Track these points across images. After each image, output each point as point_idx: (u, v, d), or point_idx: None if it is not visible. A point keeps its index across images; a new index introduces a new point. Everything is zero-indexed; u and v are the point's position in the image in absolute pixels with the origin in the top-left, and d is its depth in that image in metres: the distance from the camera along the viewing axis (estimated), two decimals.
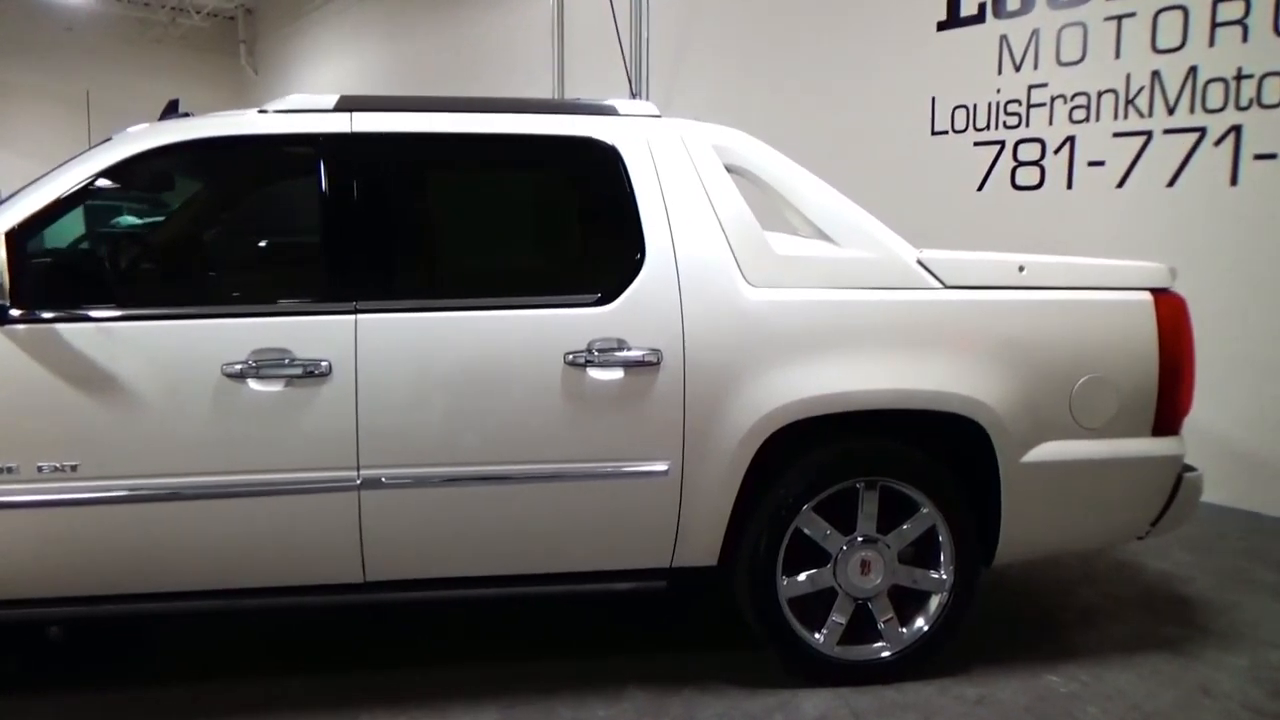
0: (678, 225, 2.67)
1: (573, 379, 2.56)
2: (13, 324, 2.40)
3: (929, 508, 2.76)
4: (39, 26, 17.43)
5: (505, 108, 2.77)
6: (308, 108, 2.68)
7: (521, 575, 2.72)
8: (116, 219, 3.93)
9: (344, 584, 2.63)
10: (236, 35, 18.69)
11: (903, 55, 5.90)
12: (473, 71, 10.82)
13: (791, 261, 2.72)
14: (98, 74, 17.35)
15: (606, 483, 2.61)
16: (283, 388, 2.47)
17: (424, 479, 2.54)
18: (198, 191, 3.00)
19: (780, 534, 2.72)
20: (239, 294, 2.66)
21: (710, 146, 2.79)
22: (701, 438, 2.62)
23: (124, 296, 2.52)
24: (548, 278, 2.80)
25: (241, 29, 18.64)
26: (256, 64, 18.62)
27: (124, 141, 2.55)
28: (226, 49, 18.74)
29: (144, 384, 2.43)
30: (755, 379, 2.63)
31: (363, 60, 14.16)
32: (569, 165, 2.85)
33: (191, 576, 2.56)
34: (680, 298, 2.62)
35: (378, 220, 2.62)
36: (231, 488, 2.48)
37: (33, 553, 2.45)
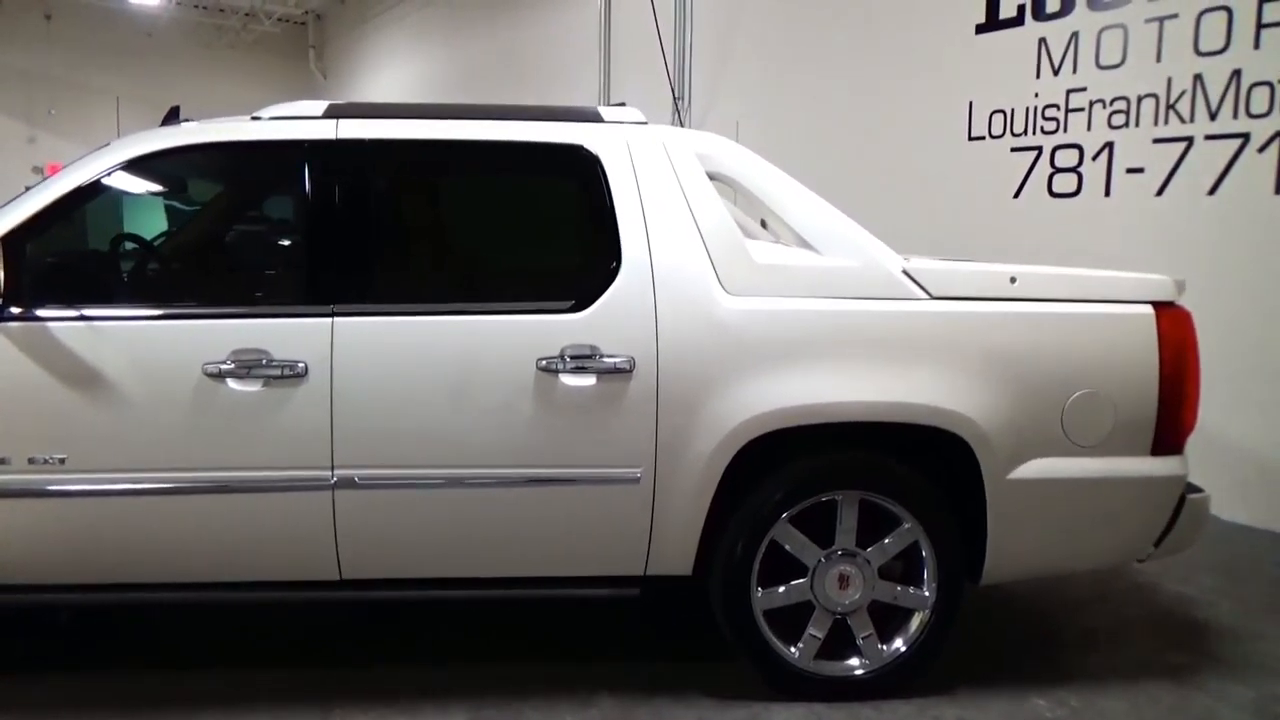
0: (655, 233, 2.66)
1: (545, 385, 2.57)
2: (7, 321, 2.50)
3: (911, 522, 2.69)
4: (121, 33, 18.18)
5: (489, 115, 2.79)
6: (297, 114, 2.74)
7: (495, 578, 2.74)
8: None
9: (320, 581, 2.68)
10: (306, 40, 19.22)
11: (940, 59, 5.78)
12: (523, 76, 10.95)
13: (771, 270, 2.68)
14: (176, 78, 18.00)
15: (578, 488, 2.61)
16: (261, 388, 2.53)
17: (397, 480, 2.57)
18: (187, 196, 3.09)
19: (755, 545, 2.68)
20: (221, 295, 2.73)
21: (693, 154, 2.77)
22: (675, 446, 2.60)
23: (112, 296, 2.62)
24: (523, 284, 2.81)
25: (311, 34, 19.16)
26: (325, 68, 19.12)
27: (118, 147, 2.64)
28: (296, 53, 19.28)
29: (129, 381, 2.51)
30: (730, 388, 2.60)
31: (422, 64, 14.44)
32: (548, 172, 2.86)
33: (173, 569, 2.64)
34: (655, 306, 2.61)
35: (357, 225, 2.66)
36: (211, 484, 2.54)
37: (22, 541, 2.55)
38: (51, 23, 17.86)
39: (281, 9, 17.65)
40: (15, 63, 17.51)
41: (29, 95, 17.52)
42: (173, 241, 3.09)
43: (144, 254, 3.02)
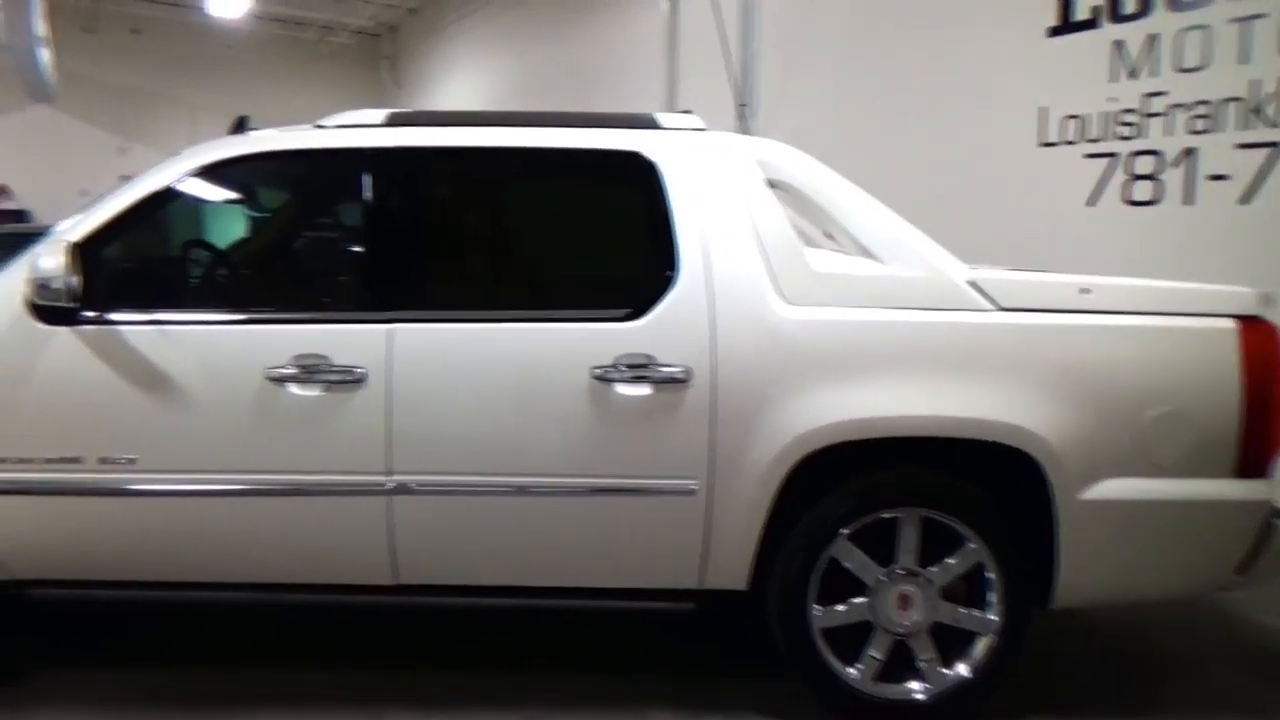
0: (713, 240, 2.62)
1: (599, 394, 2.55)
2: (83, 325, 2.58)
3: (976, 543, 2.60)
4: (205, 46, 18.81)
5: (548, 122, 2.79)
6: (359, 123, 2.78)
7: (549, 588, 2.72)
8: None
9: (377, 585, 2.70)
10: (380, 51, 19.65)
11: (1011, 63, 5.62)
12: (589, 84, 11.01)
13: (831, 279, 2.62)
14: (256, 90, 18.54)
15: (632, 499, 2.59)
16: (321, 392, 2.56)
17: (451, 487, 2.58)
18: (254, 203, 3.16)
19: (813, 561, 2.62)
20: (284, 300, 2.78)
21: (752, 160, 2.73)
22: (731, 458, 2.56)
23: (181, 301, 2.68)
24: (579, 292, 2.80)
25: (385, 45, 19.58)
26: (398, 78, 19.51)
27: (187, 156, 2.71)
28: (371, 64, 19.72)
29: (196, 384, 2.57)
30: (788, 400, 2.54)
31: (491, 73, 14.63)
32: (605, 179, 2.85)
33: (235, 569, 2.69)
34: (712, 315, 2.57)
35: (415, 232, 2.69)
36: (272, 487, 2.58)
37: (93, 539, 2.63)
38: (140, 38, 18.58)
39: (356, 21, 18.07)
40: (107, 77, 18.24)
41: (119, 108, 18.23)
42: (239, 247, 3.16)
43: (212, 260, 3.09)
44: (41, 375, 2.57)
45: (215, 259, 3.07)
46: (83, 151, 17.49)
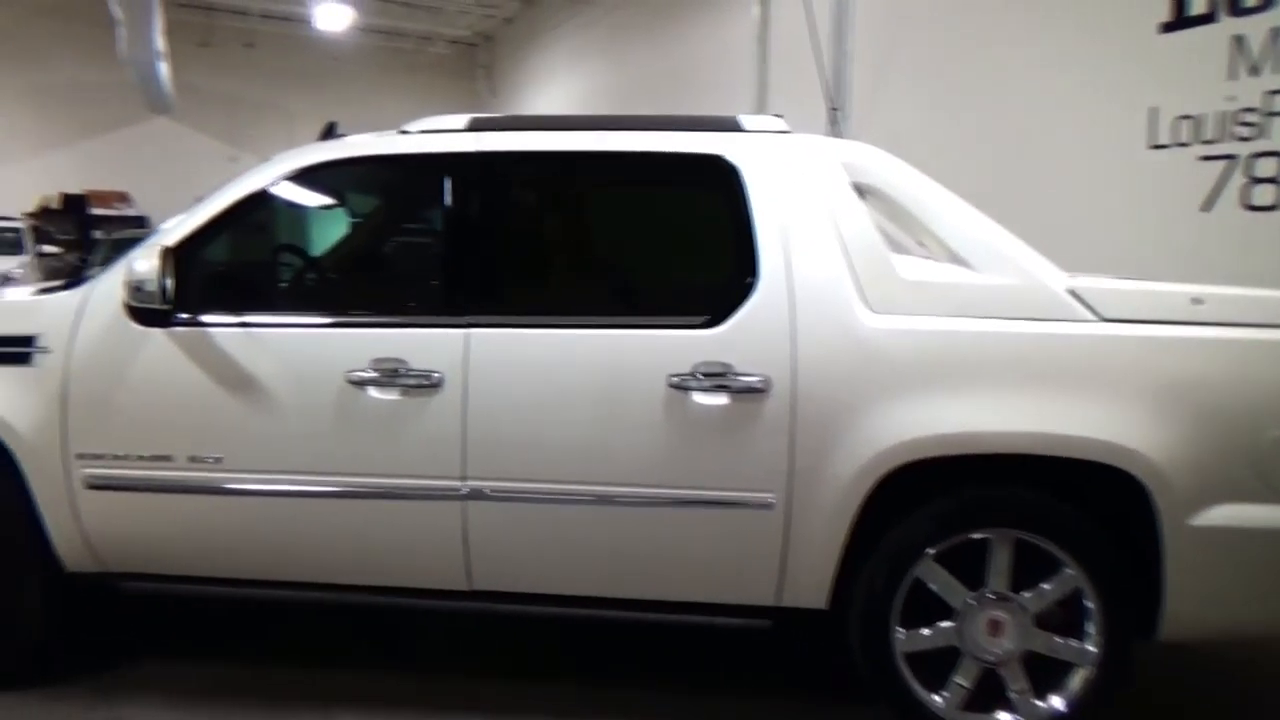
0: (795, 246, 2.54)
1: (676, 403, 2.49)
2: (175, 327, 2.65)
3: (1073, 568, 2.45)
4: (312, 58, 19.52)
5: (629, 125, 2.75)
6: (442, 128, 2.79)
7: (623, 599, 2.67)
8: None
9: (452, 590, 2.70)
10: (476, 61, 20.06)
11: (1120, 61, 5.36)
12: (680, 88, 10.98)
13: (919, 287, 2.51)
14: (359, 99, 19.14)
15: (708, 511, 2.52)
16: (398, 396, 2.57)
17: (525, 494, 2.56)
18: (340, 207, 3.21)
19: (897, 582, 2.51)
20: (366, 304, 2.80)
21: (838, 163, 2.64)
22: (811, 471, 2.47)
23: (268, 304, 2.73)
24: (656, 297, 2.76)
25: (481, 55, 19.98)
26: (494, 86, 19.87)
27: (276, 163, 2.77)
28: (468, 73, 20.14)
29: (280, 386, 2.61)
30: (873, 412, 2.44)
31: (584, 79, 14.75)
32: (685, 183, 2.79)
33: (315, 569, 2.72)
34: (793, 323, 2.49)
35: (493, 237, 2.68)
36: (351, 489, 2.60)
37: (180, 535, 2.70)
38: (252, 50, 19.40)
39: (454, 32, 18.49)
40: (220, 88, 19.10)
41: (230, 118, 19.06)
42: (324, 251, 3.22)
43: (298, 263, 3.15)
44: (138, 375, 2.65)
45: (301, 262, 3.13)
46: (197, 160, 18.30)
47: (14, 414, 2.65)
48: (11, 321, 2.74)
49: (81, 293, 2.75)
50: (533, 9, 16.94)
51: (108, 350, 2.67)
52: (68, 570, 2.77)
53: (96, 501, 2.68)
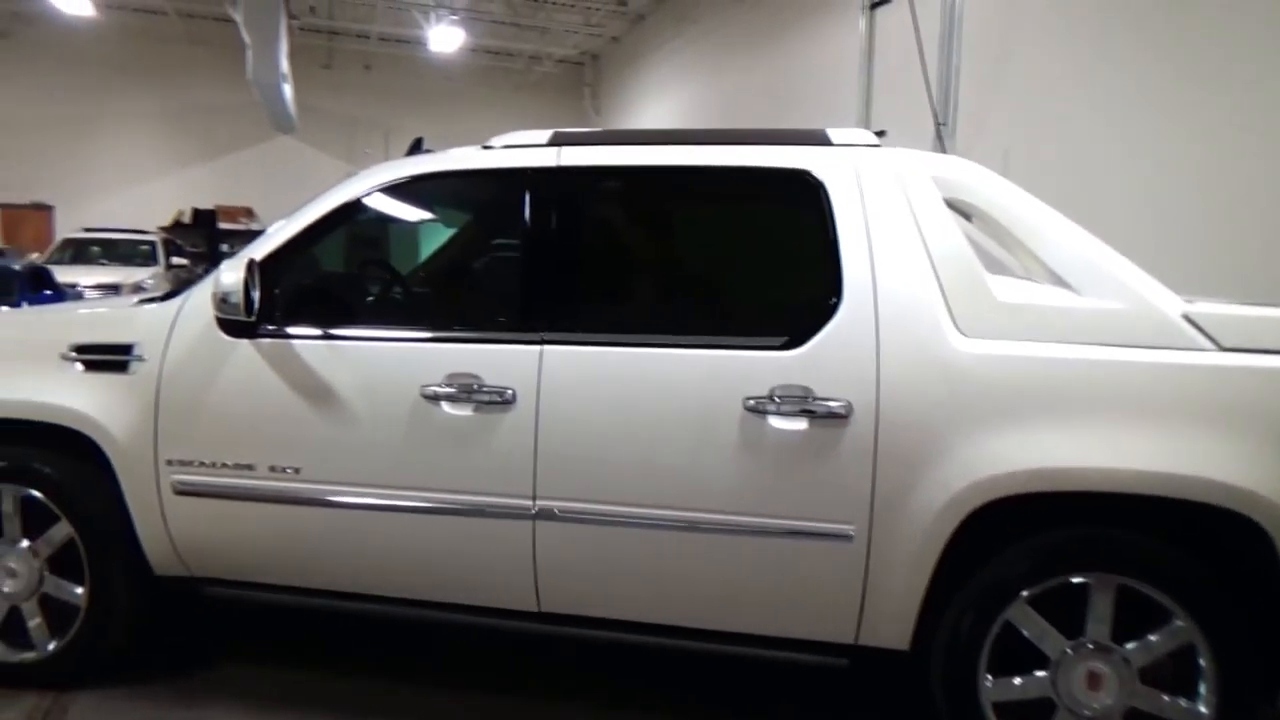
0: (881, 265, 2.41)
1: (752, 426, 2.39)
2: (260, 338, 2.70)
3: (1184, 619, 2.23)
4: (426, 78, 20.20)
5: (714, 140, 2.67)
6: (523, 143, 2.77)
7: (695, 629, 2.58)
8: None
9: (520, 611, 2.65)
10: (583, 79, 20.35)
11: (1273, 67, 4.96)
12: (784, 104, 10.86)
13: (1015, 310, 2.35)
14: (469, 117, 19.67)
15: (783, 541, 2.41)
16: (471, 412, 2.55)
17: (595, 515, 2.49)
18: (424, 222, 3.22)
19: (987, 625, 2.34)
20: (443, 319, 2.79)
21: (929, 179, 2.50)
22: (894, 503, 2.33)
23: (348, 318, 2.76)
24: (735, 317, 2.66)
25: (587, 73, 20.27)
26: (599, 104, 20.13)
27: (361, 179, 2.80)
28: (573, 91, 20.47)
29: (358, 399, 2.62)
30: (962, 442, 2.29)
31: (688, 96, 14.76)
32: (769, 198, 2.70)
33: (385, 583, 2.72)
34: (877, 346, 2.36)
35: (570, 252, 2.64)
36: (422, 504, 2.59)
37: (258, 543, 2.74)
38: (370, 72, 20.20)
39: (561, 51, 18.81)
40: (341, 108, 19.94)
41: (349, 137, 19.87)
42: (405, 265, 3.24)
43: (378, 277, 3.18)
44: (225, 385, 2.71)
45: (382, 276, 3.16)
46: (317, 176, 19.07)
47: (110, 419, 2.75)
48: (111, 330, 2.85)
49: (177, 303, 2.84)
50: (639, 28, 17.10)
51: (198, 360, 2.74)
52: (155, 573, 2.85)
53: (183, 507, 2.74)
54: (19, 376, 2.84)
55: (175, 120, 19.49)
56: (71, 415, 2.76)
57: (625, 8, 16.19)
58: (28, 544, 2.86)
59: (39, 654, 2.88)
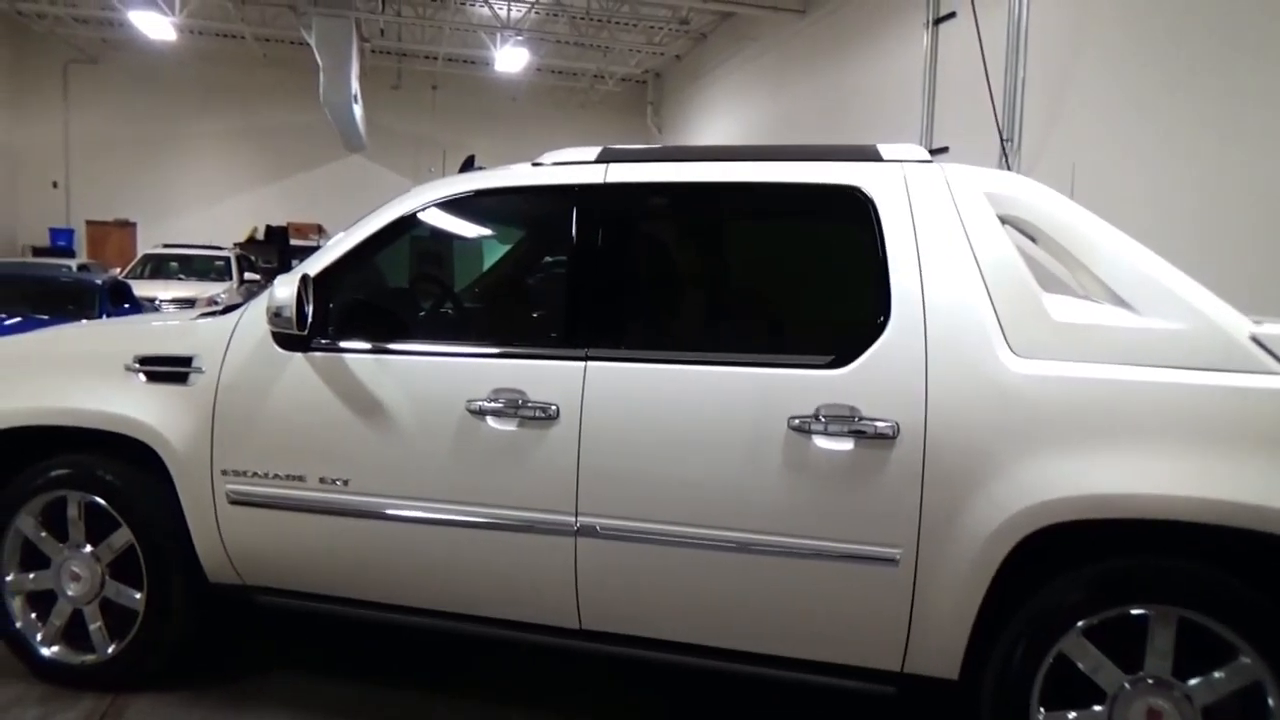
0: (931, 283, 2.36)
1: (796, 446, 2.36)
2: (313, 351, 2.75)
3: (1251, 657, 2.12)
4: (491, 98, 20.56)
5: (763, 156, 2.65)
6: (572, 160, 2.79)
7: (738, 651, 2.54)
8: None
9: (561, 628, 2.65)
10: (645, 98, 20.47)
11: None
12: (844, 122, 10.77)
13: (1071, 329, 2.27)
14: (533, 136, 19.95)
15: (828, 563, 2.36)
16: (515, 427, 2.55)
17: (636, 533, 2.48)
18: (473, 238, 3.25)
19: (1039, 656, 2.25)
20: (490, 334, 2.82)
21: (982, 194, 2.44)
22: (941, 526, 2.27)
23: (397, 332, 2.80)
24: (781, 334, 2.62)
25: (650, 91, 20.38)
26: (660, 122, 20.22)
27: (412, 196, 2.85)
28: (636, 110, 20.60)
29: (405, 413, 2.65)
30: (1013, 465, 2.22)
31: (748, 114, 14.74)
32: (817, 215, 2.66)
33: (429, 595, 2.73)
34: (926, 365, 2.30)
35: (616, 269, 2.64)
36: (466, 517, 2.60)
37: (307, 553, 2.78)
38: (437, 92, 20.63)
39: (624, 70, 18.97)
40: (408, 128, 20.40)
41: (417, 155, 20.29)
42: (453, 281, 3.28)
43: (428, 293, 3.22)
44: (278, 397, 2.77)
45: (430, 291, 3.20)
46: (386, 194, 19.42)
47: (169, 429, 2.82)
48: (173, 343, 2.93)
49: (234, 317, 2.91)
50: (701, 46, 17.16)
51: (253, 372, 2.80)
52: (209, 581, 2.92)
53: (236, 516, 2.80)
54: (86, 387, 2.93)
55: (251, 140, 20.17)
56: (134, 425, 2.84)
57: (687, 26, 16.26)
58: (90, 549, 2.95)
59: (99, 656, 2.96)
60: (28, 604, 3.03)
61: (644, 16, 15.85)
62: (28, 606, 3.03)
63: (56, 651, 2.99)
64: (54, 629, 2.99)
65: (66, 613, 2.98)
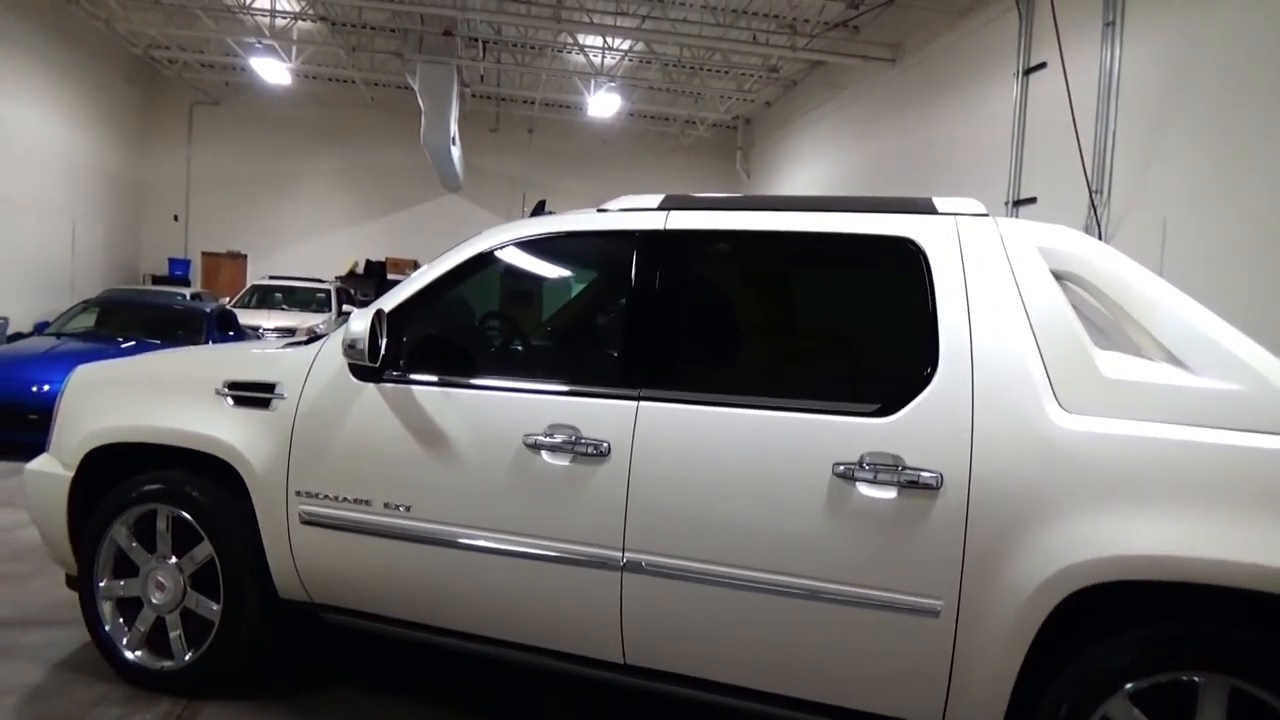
0: (981, 335, 2.38)
1: (839, 492, 2.39)
2: (384, 382, 2.91)
3: None
4: (584, 142, 21.06)
5: (820, 206, 2.71)
6: (635, 206, 2.90)
7: (779, 695, 2.55)
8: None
9: (606, 661, 2.71)
10: (734, 143, 20.67)
11: None
12: (933, 170, 10.70)
13: (1122, 386, 2.25)
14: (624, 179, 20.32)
15: (868, 611, 2.37)
16: (568, 462, 2.65)
17: (680, 571, 2.53)
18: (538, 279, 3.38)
19: (1084, 717, 2.21)
20: (551, 372, 2.92)
21: (1035, 248, 2.45)
22: (985, 580, 2.26)
23: (463, 367, 2.93)
24: (828, 382, 2.66)
25: (739, 137, 20.57)
26: (749, 168, 20.36)
27: (481, 239, 3.00)
28: (725, 155, 20.80)
29: (466, 444, 2.77)
30: (1061, 521, 2.20)
31: (835, 161, 14.76)
32: (869, 265, 2.70)
33: (483, 622, 2.83)
34: (973, 417, 2.31)
35: (672, 312, 2.72)
36: (517, 547, 2.70)
37: (369, 575, 2.91)
38: (532, 136, 21.25)
39: (714, 116, 19.22)
40: (505, 169, 21.03)
41: (510, 195, 20.88)
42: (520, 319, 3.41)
43: (493, 330, 3.36)
44: (350, 424, 2.93)
45: (495, 329, 3.34)
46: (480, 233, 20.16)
47: (251, 450, 3.01)
48: (259, 370, 3.13)
49: (315, 348, 3.10)
50: (791, 93, 17.29)
51: (329, 400, 2.97)
52: (280, 596, 3.08)
53: (307, 535, 2.96)
54: (180, 408, 3.15)
55: (356, 178, 21.10)
56: (220, 445, 3.04)
57: (778, 74, 16.43)
58: (175, 560, 3.15)
59: (176, 663, 3.14)
60: (117, 609, 3.24)
61: (735, 64, 16.09)
62: (117, 612, 3.24)
63: (139, 656, 3.19)
64: (139, 634, 3.20)
65: (150, 619, 3.18)
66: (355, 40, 16.23)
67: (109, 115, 18.11)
